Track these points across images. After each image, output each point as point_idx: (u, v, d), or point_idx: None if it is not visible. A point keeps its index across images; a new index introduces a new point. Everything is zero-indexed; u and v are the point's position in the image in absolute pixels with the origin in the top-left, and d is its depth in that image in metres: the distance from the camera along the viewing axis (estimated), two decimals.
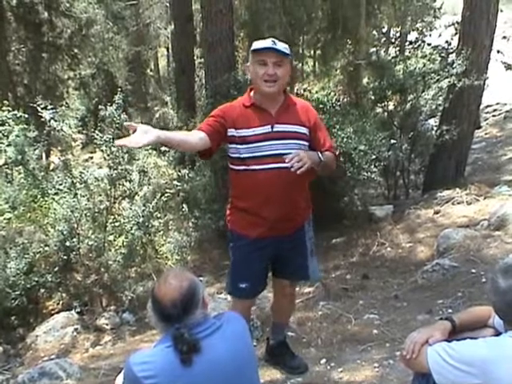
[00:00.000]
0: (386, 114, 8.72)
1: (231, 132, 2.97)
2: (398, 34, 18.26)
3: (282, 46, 2.93)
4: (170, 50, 20.48)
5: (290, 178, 2.90)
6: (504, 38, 12.69)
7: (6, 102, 8.16)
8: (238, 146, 2.97)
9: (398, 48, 16.88)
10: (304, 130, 3.03)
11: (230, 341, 2.01)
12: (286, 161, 2.73)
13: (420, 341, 2.18)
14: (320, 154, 2.96)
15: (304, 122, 3.05)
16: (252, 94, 3.07)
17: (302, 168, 2.73)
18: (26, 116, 7.20)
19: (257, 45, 2.97)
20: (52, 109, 6.71)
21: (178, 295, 1.95)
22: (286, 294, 3.43)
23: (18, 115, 7.01)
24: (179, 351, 1.89)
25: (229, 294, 3.16)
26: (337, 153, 3.17)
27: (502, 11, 9.00)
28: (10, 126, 6.85)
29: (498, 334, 2.18)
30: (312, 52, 19.76)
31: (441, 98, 8.44)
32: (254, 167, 2.96)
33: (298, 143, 2.99)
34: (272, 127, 2.96)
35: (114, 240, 6.79)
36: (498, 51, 9.94)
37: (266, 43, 2.92)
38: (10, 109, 7.23)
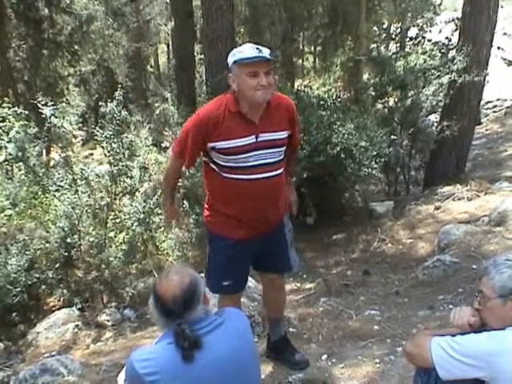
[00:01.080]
0: (386, 110, 8.72)
1: (211, 145, 2.90)
2: (398, 30, 18.22)
3: (267, 52, 2.81)
4: (171, 47, 20.49)
5: (276, 185, 3.02)
6: (504, 34, 12.67)
7: (6, 98, 8.15)
8: (222, 156, 2.91)
9: (398, 44, 16.85)
10: (285, 135, 3.03)
11: (232, 338, 2.02)
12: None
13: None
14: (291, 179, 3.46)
15: (285, 126, 3.03)
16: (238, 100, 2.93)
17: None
18: (27, 112, 7.16)
19: (242, 55, 2.81)
20: (52, 105, 6.66)
21: (180, 291, 1.95)
22: (277, 287, 3.45)
23: (19, 112, 6.97)
24: (181, 347, 1.89)
25: (211, 292, 3.14)
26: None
27: (502, 7, 8.99)
28: (10, 122, 6.82)
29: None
30: (312, 48, 19.79)
31: (441, 94, 8.44)
32: (241, 177, 2.93)
33: (280, 150, 3.01)
34: (256, 137, 2.90)
35: (115, 236, 6.79)
36: (499, 47, 9.94)
37: (253, 52, 2.78)
38: (11, 105, 7.20)
